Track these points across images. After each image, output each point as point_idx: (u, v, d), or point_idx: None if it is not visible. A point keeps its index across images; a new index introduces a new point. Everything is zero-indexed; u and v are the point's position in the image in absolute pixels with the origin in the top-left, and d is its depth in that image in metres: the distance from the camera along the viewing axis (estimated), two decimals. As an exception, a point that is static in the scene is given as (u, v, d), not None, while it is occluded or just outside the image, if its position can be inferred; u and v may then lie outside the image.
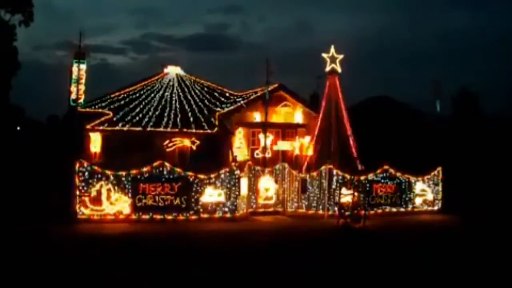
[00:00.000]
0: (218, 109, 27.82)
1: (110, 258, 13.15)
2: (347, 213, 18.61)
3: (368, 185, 22.00)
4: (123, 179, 18.90)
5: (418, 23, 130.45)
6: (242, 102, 28.08)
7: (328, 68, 24.29)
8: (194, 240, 16.22)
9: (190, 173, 19.74)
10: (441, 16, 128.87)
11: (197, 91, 30.15)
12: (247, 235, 17.10)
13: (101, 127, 25.17)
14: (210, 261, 13.15)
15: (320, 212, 21.38)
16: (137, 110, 26.70)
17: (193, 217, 19.54)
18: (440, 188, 24.02)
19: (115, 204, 18.83)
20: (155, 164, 19.30)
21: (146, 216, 19.02)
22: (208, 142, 25.92)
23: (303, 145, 26.75)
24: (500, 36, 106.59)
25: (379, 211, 22.40)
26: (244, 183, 20.82)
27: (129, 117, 25.89)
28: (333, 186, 21.15)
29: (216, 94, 30.31)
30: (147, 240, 15.86)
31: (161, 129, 25.53)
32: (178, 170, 19.62)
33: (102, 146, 25.58)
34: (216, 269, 12.34)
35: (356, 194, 19.49)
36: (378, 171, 22.65)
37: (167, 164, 19.48)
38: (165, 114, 26.61)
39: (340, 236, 17.13)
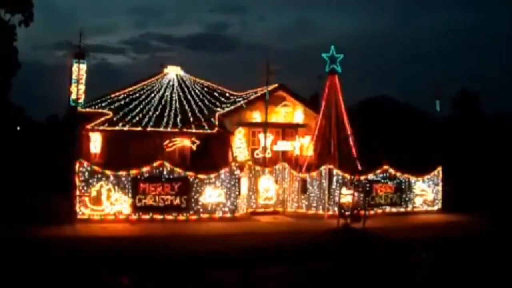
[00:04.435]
0: (218, 109, 27.82)
1: (110, 260, 13.14)
2: (347, 213, 18.59)
3: (368, 185, 21.96)
4: (123, 179, 18.87)
5: (418, 23, 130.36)
6: (242, 102, 28.08)
7: (328, 68, 24.26)
8: (194, 240, 16.20)
9: (190, 173, 19.72)
10: (441, 16, 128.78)
11: (197, 91, 30.16)
12: (247, 236, 17.07)
13: (101, 127, 25.16)
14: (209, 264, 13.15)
15: (320, 212, 21.35)
16: (137, 110, 26.71)
17: (193, 217, 19.52)
18: (440, 188, 23.99)
19: (115, 204, 18.81)
20: (155, 164, 19.27)
21: (146, 216, 19.00)
22: (208, 142, 25.92)
23: (303, 145, 26.73)
24: (500, 36, 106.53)
25: (379, 211, 22.37)
26: (244, 183, 20.80)
27: (129, 117, 25.89)
28: (333, 186, 21.13)
29: (216, 94, 30.31)
30: (148, 241, 15.84)
31: (161, 129, 25.53)
32: (178, 170, 19.59)
33: (102, 146, 25.58)
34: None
35: (356, 194, 19.46)
36: (378, 171, 22.62)
37: (167, 164, 19.45)
38: (165, 114, 26.62)
39: (340, 237, 17.12)
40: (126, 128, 25.15)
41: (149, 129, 25.30)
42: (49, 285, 11.11)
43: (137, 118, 25.90)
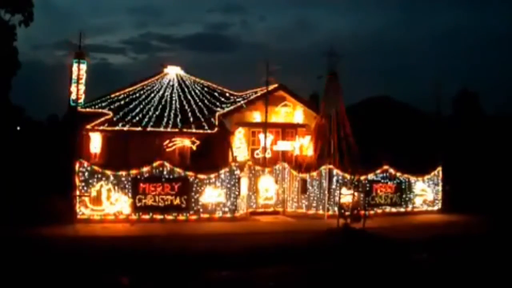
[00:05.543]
0: (218, 109, 27.83)
1: (110, 260, 13.13)
2: (347, 213, 18.58)
3: (368, 185, 21.97)
4: (123, 179, 18.86)
5: (418, 23, 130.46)
6: (242, 102, 28.08)
7: (328, 68, 24.24)
8: (194, 240, 16.19)
9: (190, 173, 19.71)
10: (441, 16, 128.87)
11: (197, 91, 30.18)
12: (247, 236, 17.07)
13: (101, 127, 25.17)
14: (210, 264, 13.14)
15: (320, 212, 21.35)
16: (137, 110, 26.72)
17: (193, 217, 19.52)
18: (440, 188, 23.98)
19: (115, 204, 18.80)
20: (155, 164, 19.26)
21: (146, 216, 18.99)
22: (208, 142, 25.92)
23: (303, 145, 26.73)
24: (500, 35, 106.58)
25: (379, 211, 22.37)
26: (244, 183, 20.80)
27: (129, 117, 25.90)
28: (333, 186, 21.13)
29: (216, 94, 30.33)
30: (148, 240, 15.84)
31: (161, 129, 25.54)
32: (178, 170, 19.58)
33: (102, 146, 25.59)
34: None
35: (356, 194, 19.45)
36: (378, 171, 22.62)
37: (167, 164, 19.45)
38: (165, 114, 26.63)
39: (340, 237, 17.12)
40: (126, 128, 25.16)
41: (149, 129, 25.30)
42: (48, 285, 11.11)
43: (137, 118, 25.91)
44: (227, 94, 30.30)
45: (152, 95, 28.65)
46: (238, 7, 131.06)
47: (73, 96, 27.09)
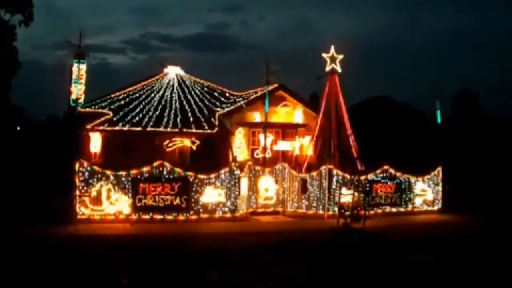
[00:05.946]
0: (218, 109, 27.84)
1: (109, 260, 13.15)
2: (347, 213, 18.59)
3: (368, 185, 21.97)
4: (123, 179, 18.87)
5: (419, 23, 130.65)
6: (242, 102, 28.09)
7: (328, 68, 24.30)
8: (194, 240, 16.20)
9: (190, 173, 19.72)
10: (441, 16, 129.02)
11: (197, 91, 30.19)
12: (247, 236, 17.08)
13: (101, 127, 25.18)
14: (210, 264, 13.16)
15: (320, 212, 21.36)
16: (137, 110, 26.73)
17: (193, 217, 19.52)
18: (440, 188, 23.99)
19: (115, 204, 18.81)
20: (155, 164, 19.27)
21: (146, 216, 19.00)
22: (208, 142, 25.93)
23: (303, 145, 26.75)
24: (500, 35, 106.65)
25: (379, 211, 22.38)
26: (244, 183, 20.80)
27: (129, 117, 25.91)
28: (333, 186, 21.13)
29: (216, 94, 30.34)
30: (147, 241, 15.84)
31: (161, 129, 25.55)
32: (178, 170, 19.59)
33: (102, 146, 25.60)
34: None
35: (356, 194, 19.46)
36: (378, 171, 22.63)
37: (167, 164, 19.45)
38: (165, 114, 26.63)
39: (340, 237, 17.13)
40: (126, 128, 25.16)
41: (149, 129, 25.30)
42: (49, 284, 11.12)
43: (137, 118, 25.92)
44: (227, 94, 30.32)
45: (152, 95, 28.66)
46: (238, 7, 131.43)
47: (73, 96, 27.11)
